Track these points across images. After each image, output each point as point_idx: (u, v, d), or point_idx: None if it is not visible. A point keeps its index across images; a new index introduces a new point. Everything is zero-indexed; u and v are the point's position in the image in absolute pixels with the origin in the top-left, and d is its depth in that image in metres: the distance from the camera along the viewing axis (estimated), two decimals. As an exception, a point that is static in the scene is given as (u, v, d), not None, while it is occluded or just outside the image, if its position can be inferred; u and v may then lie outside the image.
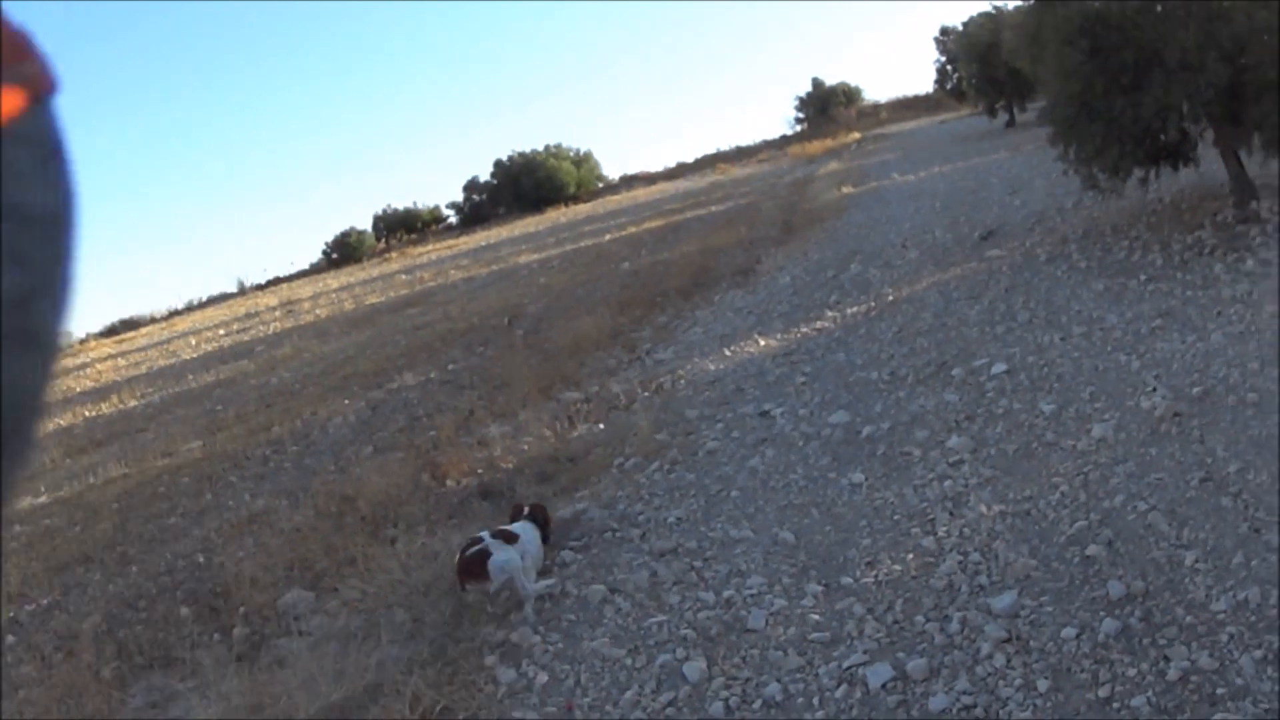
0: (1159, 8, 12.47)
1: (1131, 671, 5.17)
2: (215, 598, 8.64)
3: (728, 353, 12.76)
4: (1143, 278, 11.42)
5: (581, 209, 57.51)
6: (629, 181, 72.16)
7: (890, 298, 13.78)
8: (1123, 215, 14.51)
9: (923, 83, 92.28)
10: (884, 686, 5.45)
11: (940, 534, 7.00)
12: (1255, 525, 6.15)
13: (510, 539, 6.80)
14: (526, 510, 7.35)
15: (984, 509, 7.20)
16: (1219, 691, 4.89)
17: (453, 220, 73.47)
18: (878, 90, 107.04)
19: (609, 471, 9.27)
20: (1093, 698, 5.07)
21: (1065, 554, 6.41)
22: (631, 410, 11.17)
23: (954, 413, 9.14)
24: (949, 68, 46.50)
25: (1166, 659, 5.19)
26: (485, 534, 6.91)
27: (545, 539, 7.26)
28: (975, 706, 5.18)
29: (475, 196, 72.72)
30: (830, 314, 13.71)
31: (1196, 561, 5.94)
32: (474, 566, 6.66)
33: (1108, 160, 13.00)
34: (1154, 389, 8.42)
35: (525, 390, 12.70)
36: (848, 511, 7.71)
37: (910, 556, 6.79)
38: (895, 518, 7.43)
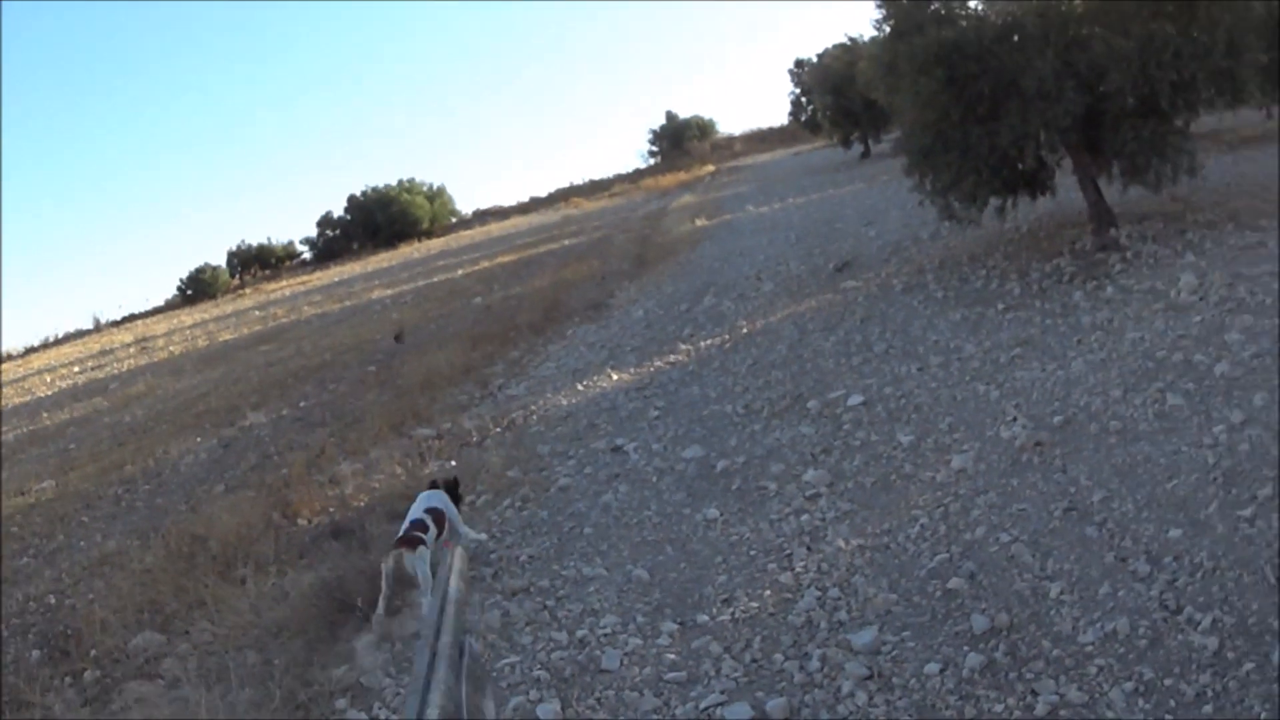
0: (1016, 37, 12.74)
1: (998, 707, 5.12)
2: (66, 640, 8.36)
3: (580, 387, 12.67)
4: (1001, 306, 11.59)
5: (435, 244, 57.65)
6: (482, 216, 72.31)
7: (744, 330, 13.81)
8: (980, 244, 14.77)
9: (777, 115, 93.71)
10: None
11: (798, 569, 6.94)
12: (1121, 555, 6.18)
13: (430, 526, 7.66)
14: (440, 482, 8.28)
15: (842, 543, 7.16)
16: (1089, 725, 4.87)
17: (307, 256, 73.08)
18: (732, 123, 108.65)
19: (460, 509, 9.08)
20: (959, 735, 5.01)
21: (926, 588, 6.38)
22: (484, 447, 11.07)
23: (810, 445, 9.13)
24: (804, 100, 47.14)
25: (1034, 693, 5.15)
26: (424, 518, 7.71)
27: (457, 501, 8.26)
28: None
29: (329, 232, 72.55)
30: (684, 347, 13.69)
31: (1062, 593, 5.96)
32: (413, 542, 7.34)
33: (964, 189, 13.20)
34: (1014, 418, 8.50)
35: (377, 427, 12.59)
36: (703, 547, 7.64)
37: (767, 593, 6.72)
38: (751, 553, 7.38)
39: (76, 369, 36.63)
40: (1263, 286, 9.55)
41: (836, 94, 35.69)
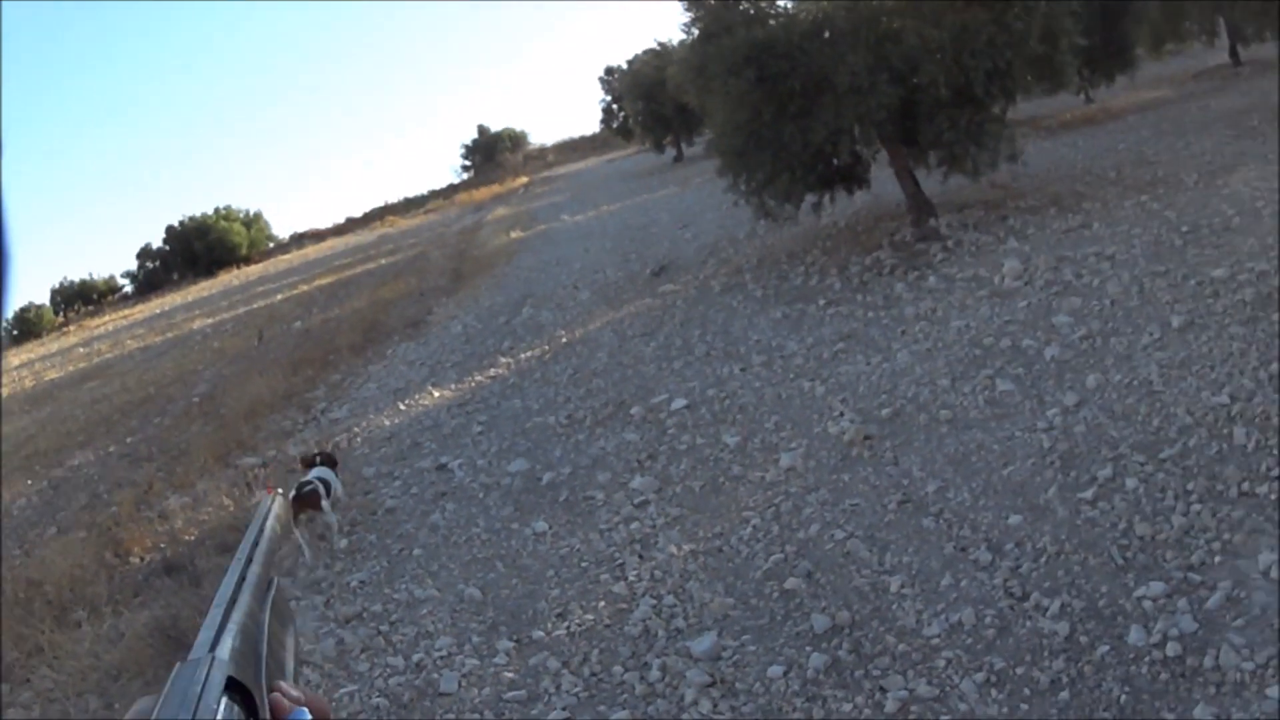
0: (827, 33, 12.81)
1: (846, 706, 5.01)
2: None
3: (402, 407, 12.42)
4: (822, 302, 11.62)
5: (254, 270, 57.09)
6: (299, 240, 71.61)
7: (564, 340, 13.68)
8: (797, 241, 14.86)
9: (589, 124, 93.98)
10: None
11: (631, 578, 6.81)
12: (960, 545, 6.14)
13: (326, 480, 8.63)
14: (318, 457, 9.15)
15: (674, 549, 7.03)
16: (943, 719, 4.75)
17: (129, 289, 71.60)
18: (544, 134, 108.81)
19: (289, 537, 8.76)
20: (807, 737, 4.87)
21: (763, 589, 6.27)
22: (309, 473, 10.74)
23: (636, 452, 9.00)
24: (615, 107, 47.23)
25: (883, 690, 5.06)
26: (311, 476, 8.62)
27: (335, 470, 9.17)
28: None
29: (149, 264, 71.53)
30: (504, 360, 13.51)
31: (903, 586, 5.89)
32: (312, 499, 8.28)
33: (779, 187, 13.24)
34: (841, 413, 8.46)
35: (203, 459, 12.28)
36: (534, 562, 7.50)
37: (602, 604, 6.59)
38: (583, 565, 7.24)
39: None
40: (1089, 268, 9.71)
41: (648, 99, 35.76)
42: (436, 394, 12.69)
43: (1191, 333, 7.76)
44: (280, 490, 1.44)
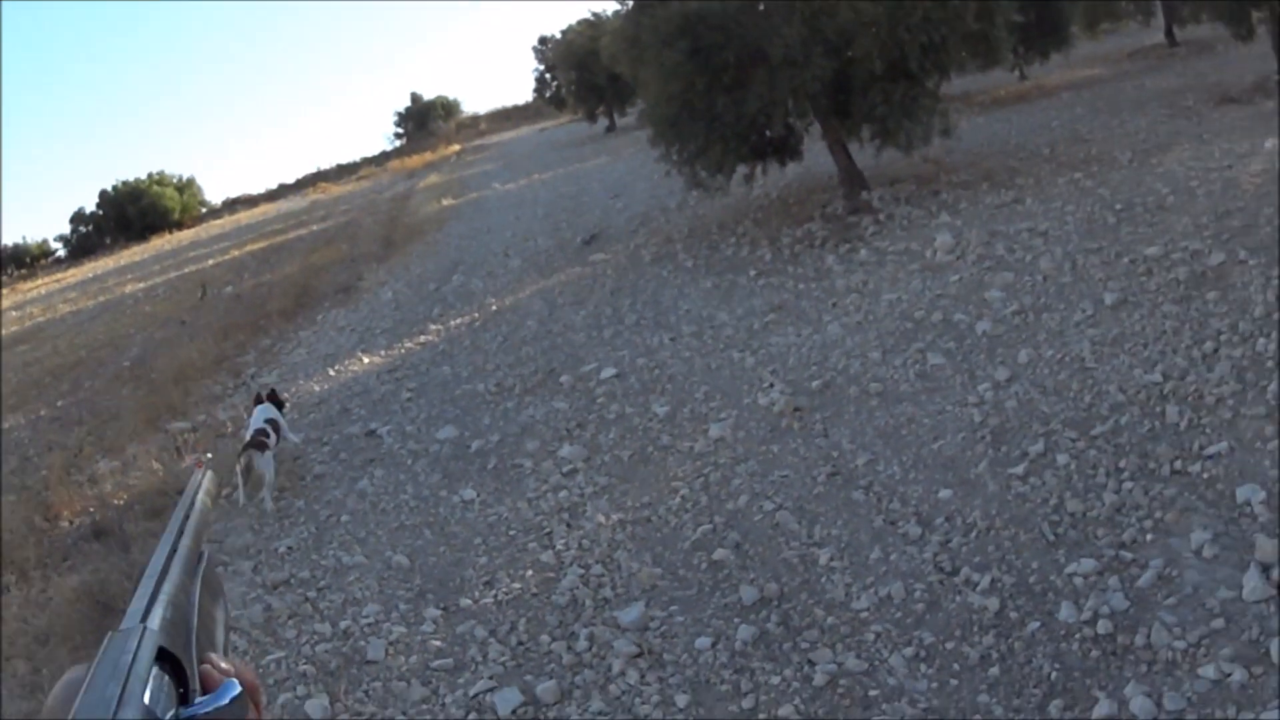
0: (761, 5, 12.70)
1: (775, 679, 4.92)
2: None
3: (332, 373, 12.23)
4: (752, 273, 11.53)
5: (186, 235, 56.32)
6: (232, 205, 70.73)
7: (494, 307, 13.53)
8: (729, 213, 14.76)
9: (522, 93, 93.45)
10: (514, 713, 5.14)
11: (559, 547, 6.72)
12: (890, 518, 6.09)
13: (270, 433, 8.92)
14: (264, 394, 9.47)
15: (602, 518, 6.94)
16: (871, 694, 4.70)
17: (62, 254, 70.45)
18: (477, 102, 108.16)
19: (218, 502, 8.57)
20: (736, 710, 4.81)
21: (691, 560, 6.19)
22: (239, 437, 10.52)
23: (564, 421, 8.90)
24: (548, 76, 46.96)
25: (811, 663, 4.98)
26: (257, 413, 9.08)
27: (280, 409, 9.44)
28: None
29: (82, 228, 70.38)
30: (434, 327, 13.35)
31: (832, 559, 5.82)
32: (261, 445, 8.59)
33: (711, 158, 13.14)
34: (771, 385, 8.39)
35: (133, 423, 12.01)
36: (462, 529, 7.38)
37: (529, 573, 6.50)
38: (511, 533, 7.13)
39: None
40: (1021, 244, 9.67)
41: (580, 69, 35.47)
42: (366, 360, 12.53)
43: (1124, 310, 7.72)
44: (210, 463, 1.36)
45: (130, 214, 67.90)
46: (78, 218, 72.20)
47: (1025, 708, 4.40)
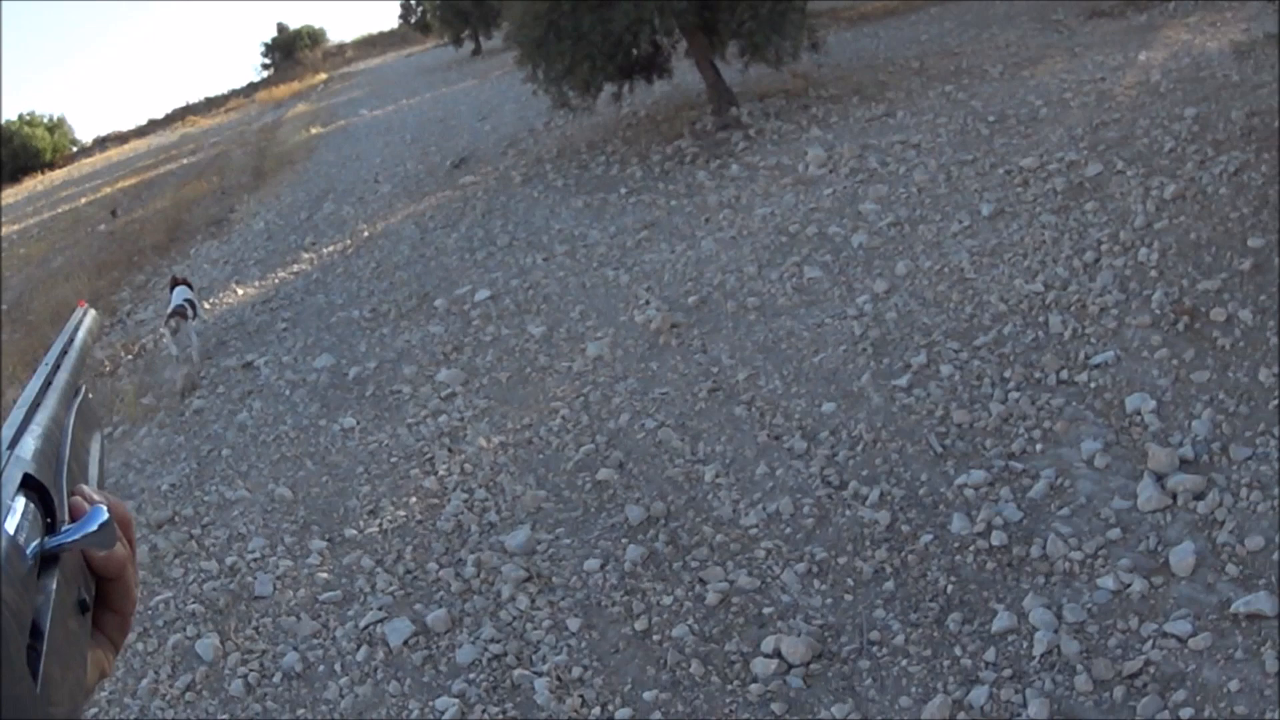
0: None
1: (667, 599, 4.74)
2: None
3: (207, 306, 11.75)
4: (623, 191, 11.27)
5: (59, 174, 54.94)
6: (103, 143, 68.85)
7: (366, 234, 13.13)
8: (597, 131, 14.45)
9: (388, 19, 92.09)
10: (406, 643, 4.97)
11: (441, 473, 6.50)
12: (774, 433, 5.92)
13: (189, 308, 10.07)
14: (179, 278, 10.60)
15: (483, 442, 6.72)
16: (765, 611, 4.54)
17: None
18: (344, 30, 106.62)
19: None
20: (629, 632, 4.64)
21: (576, 481, 6.00)
22: (116, 375, 10.40)
23: (441, 345, 8.63)
24: (414, 2, 46.24)
25: (702, 582, 4.81)
26: (176, 293, 10.15)
27: (192, 290, 10.55)
28: (505, 655, 4.71)
29: None
30: (307, 256, 12.92)
31: (717, 476, 5.65)
32: (184, 313, 9.70)
33: (578, 78, 12.81)
34: (647, 302, 8.18)
35: (10, 366, 11.50)
36: (343, 459, 7.13)
37: (413, 500, 6.28)
38: (393, 460, 6.90)
39: None
40: (895, 156, 9.52)
41: (447, -8, 34.86)
42: (241, 292, 12.12)
43: (1002, 221, 7.61)
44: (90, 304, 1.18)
45: (1, 156, 66.71)
46: (-54, 163, 70.52)
47: (923, 622, 4.26)
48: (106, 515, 0.80)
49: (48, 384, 0.97)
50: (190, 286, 10.59)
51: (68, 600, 0.76)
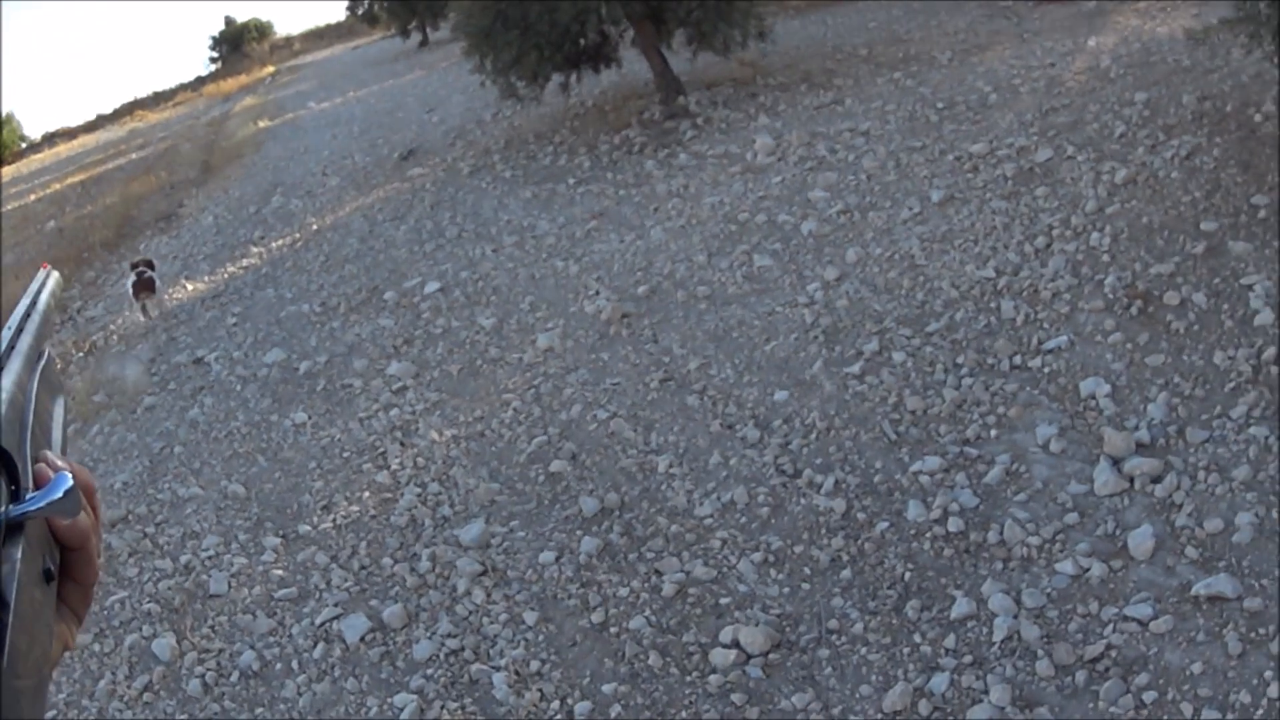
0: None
1: (623, 591, 4.69)
2: None
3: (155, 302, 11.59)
4: (572, 181, 11.19)
5: (6, 171, 54.03)
6: (51, 139, 67.99)
7: (315, 227, 12.99)
8: (545, 122, 14.35)
9: (336, 12, 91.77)
10: (363, 640, 4.92)
11: (394, 467, 6.43)
12: (727, 422, 5.87)
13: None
14: (143, 264, 10.98)
15: (436, 435, 6.64)
16: (723, 601, 4.50)
17: None
18: (291, 23, 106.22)
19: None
20: (586, 624, 4.58)
21: (528, 474, 5.93)
22: (67, 373, 10.12)
23: (391, 338, 8.53)
24: (361, -7, 45.89)
25: (659, 573, 4.76)
26: (146, 269, 10.87)
27: (154, 270, 11.20)
28: (463, 650, 4.65)
29: None
30: (256, 250, 12.76)
31: (671, 466, 5.60)
32: (149, 284, 10.67)
33: (526, 68, 12.72)
34: (597, 292, 8.11)
35: None
36: (295, 454, 7.04)
37: (367, 494, 6.21)
38: (345, 455, 6.81)
39: None
40: (843, 144, 9.48)
41: (395, -16, 34.62)
42: (190, 287, 11.95)
43: (952, 207, 7.59)
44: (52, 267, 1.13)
45: (-51, 154, 65.82)
46: (-105, 161, 69.68)
47: (882, 610, 4.23)
48: (71, 482, 0.80)
49: (11, 347, 0.95)
50: (152, 266, 11.08)
51: (33, 569, 0.75)
